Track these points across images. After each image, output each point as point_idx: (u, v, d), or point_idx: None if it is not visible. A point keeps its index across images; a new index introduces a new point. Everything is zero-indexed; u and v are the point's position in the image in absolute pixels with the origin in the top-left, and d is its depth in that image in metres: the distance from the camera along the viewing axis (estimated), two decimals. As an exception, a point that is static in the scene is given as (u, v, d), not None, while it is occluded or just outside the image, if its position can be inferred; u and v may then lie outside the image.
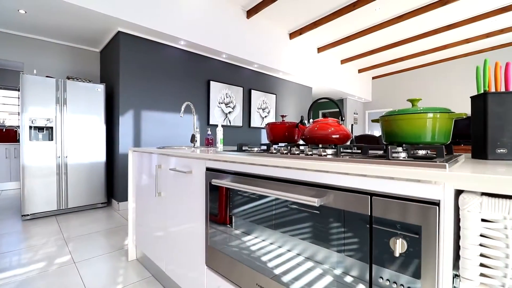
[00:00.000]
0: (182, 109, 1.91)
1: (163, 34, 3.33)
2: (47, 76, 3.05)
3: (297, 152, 0.89)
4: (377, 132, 9.58)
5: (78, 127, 3.17)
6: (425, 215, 0.54)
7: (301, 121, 1.14)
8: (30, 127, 2.89)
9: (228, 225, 1.03)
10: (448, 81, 7.28)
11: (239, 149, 1.10)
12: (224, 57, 4.24)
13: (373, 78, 8.64)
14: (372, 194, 0.62)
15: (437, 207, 0.53)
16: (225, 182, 0.98)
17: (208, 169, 1.14)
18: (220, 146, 2.36)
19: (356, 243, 0.65)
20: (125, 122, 3.24)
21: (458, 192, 0.53)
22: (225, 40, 3.97)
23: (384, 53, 6.45)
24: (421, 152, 0.84)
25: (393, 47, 5.88)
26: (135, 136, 3.32)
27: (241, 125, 4.60)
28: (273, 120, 5.30)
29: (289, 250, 0.81)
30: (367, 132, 8.88)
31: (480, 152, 0.83)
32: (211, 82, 4.10)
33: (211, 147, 2.13)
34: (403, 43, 5.69)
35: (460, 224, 0.51)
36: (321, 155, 0.82)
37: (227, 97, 4.34)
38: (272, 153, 0.97)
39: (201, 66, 4.02)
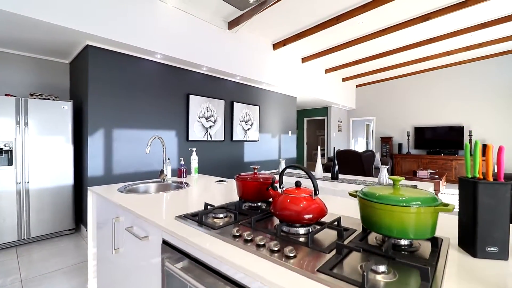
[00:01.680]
0: (149, 143, 1.74)
1: (138, 48, 3.12)
2: (6, 95, 2.78)
3: (262, 243, 0.76)
4: (361, 139, 9.67)
5: (42, 149, 2.91)
6: None
7: (272, 185, 1.01)
8: (-15, 151, 2.61)
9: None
10: (429, 90, 7.42)
11: (200, 221, 0.95)
12: (205, 70, 4.06)
13: (357, 86, 8.69)
14: None
15: None
16: (176, 270, 0.83)
17: (164, 242, 0.98)
18: (194, 176, 2.21)
19: None
20: (95, 143, 3.01)
21: None
22: (205, 52, 3.80)
23: (368, 64, 6.47)
24: (404, 248, 0.73)
25: (376, 58, 5.89)
26: (106, 157, 3.09)
27: (223, 139, 4.44)
28: (256, 133, 5.16)
29: None
30: (351, 141, 8.93)
31: (469, 246, 0.72)
32: (191, 95, 3.92)
33: (184, 180, 1.97)
34: (386, 54, 5.72)
35: None
36: (288, 257, 0.68)
37: (207, 111, 4.17)
38: (234, 235, 0.83)
39: (179, 80, 3.83)
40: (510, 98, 6.26)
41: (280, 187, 0.98)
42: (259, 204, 1.18)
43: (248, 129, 4.96)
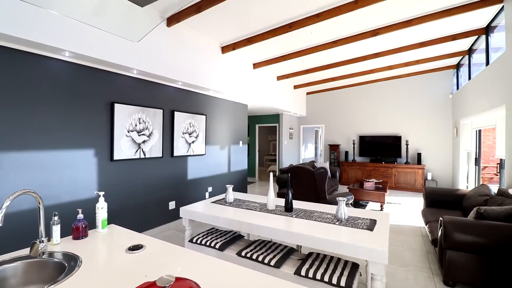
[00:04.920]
0: (3, 207, 1.08)
1: (36, 43, 2.29)
2: None
3: None
4: (310, 145, 9.78)
5: None
6: None
7: None
8: None
9: None
10: (372, 100, 7.78)
11: None
12: (136, 73, 3.34)
13: (308, 93, 8.72)
14: None
15: None
16: None
17: None
18: (101, 232, 1.58)
19: None
20: (-40, 174, 2.10)
21: None
22: (136, 52, 3.09)
23: (319, 73, 6.43)
24: None
25: (327, 68, 5.85)
26: (-20, 193, 2.19)
27: (161, 155, 3.76)
28: (203, 145, 4.58)
29: None
30: (301, 147, 8.94)
31: None
32: (116, 105, 3.16)
33: (79, 248, 1.35)
34: (336, 65, 5.70)
35: None
36: None
37: (140, 123, 3.45)
38: None
39: (100, 85, 3.05)
40: (439, 111, 6.88)
41: None
42: None
43: (193, 141, 4.36)
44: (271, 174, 2.42)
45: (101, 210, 1.58)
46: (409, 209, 5.13)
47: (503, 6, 3.50)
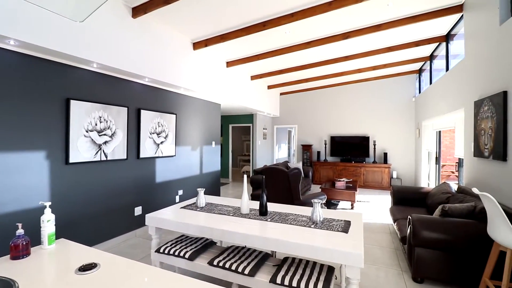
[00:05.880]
0: None
1: (-36, 25, 1.95)
2: None
3: None
4: (284, 145, 9.84)
5: None
6: None
7: None
8: None
9: None
10: (342, 102, 8.02)
11: None
12: (96, 67, 3.04)
13: (281, 94, 8.76)
14: None
15: None
16: None
17: None
18: (46, 249, 1.36)
19: None
20: None
21: None
22: (97, 43, 2.80)
23: (292, 74, 6.46)
24: None
25: (300, 70, 5.89)
26: None
27: (125, 157, 3.47)
28: (172, 146, 4.34)
29: None
30: (275, 147, 8.95)
31: None
32: (73, 101, 2.84)
33: (17, 270, 1.12)
34: (309, 67, 5.76)
35: None
36: None
37: (101, 122, 3.15)
38: None
39: (54, 78, 2.71)
40: (404, 113, 7.28)
41: None
42: None
43: (162, 142, 4.10)
44: (245, 176, 2.31)
45: (48, 223, 1.35)
46: (377, 207, 5.32)
47: (462, 15, 3.74)
